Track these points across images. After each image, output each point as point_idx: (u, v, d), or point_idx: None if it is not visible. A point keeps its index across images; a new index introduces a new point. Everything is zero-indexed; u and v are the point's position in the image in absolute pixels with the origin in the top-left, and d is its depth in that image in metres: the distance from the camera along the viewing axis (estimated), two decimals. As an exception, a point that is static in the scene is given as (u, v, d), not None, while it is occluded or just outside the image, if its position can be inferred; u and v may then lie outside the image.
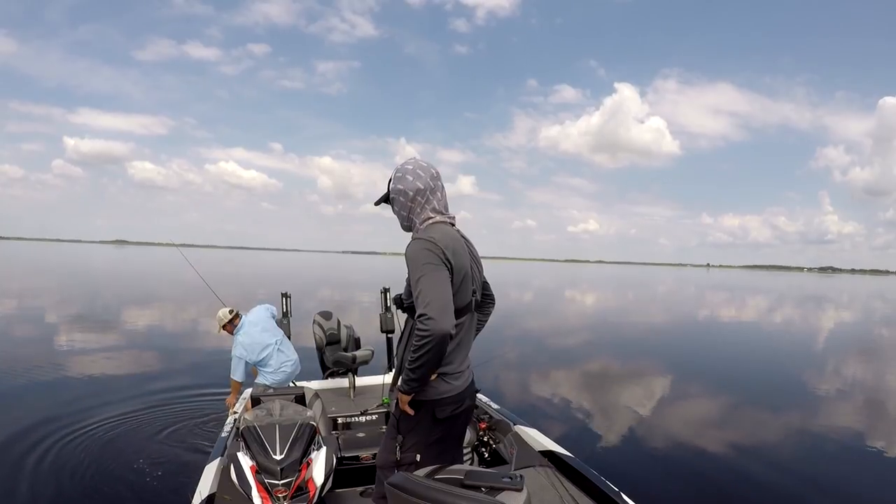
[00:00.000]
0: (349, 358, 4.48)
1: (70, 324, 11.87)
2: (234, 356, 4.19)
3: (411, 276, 1.78)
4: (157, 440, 4.73)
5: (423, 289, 1.70)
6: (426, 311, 1.66)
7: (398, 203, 1.95)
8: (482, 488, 1.49)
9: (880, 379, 10.18)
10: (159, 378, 7.01)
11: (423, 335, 1.67)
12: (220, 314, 4.36)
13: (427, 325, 1.66)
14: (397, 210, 1.97)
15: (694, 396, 7.85)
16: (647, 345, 13.10)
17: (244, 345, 4.20)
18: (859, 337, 17.12)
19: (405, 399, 1.85)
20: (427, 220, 1.90)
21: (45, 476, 3.96)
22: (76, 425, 5.01)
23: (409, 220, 1.95)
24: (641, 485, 4.18)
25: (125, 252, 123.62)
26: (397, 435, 1.93)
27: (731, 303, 30.68)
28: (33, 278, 27.61)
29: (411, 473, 1.60)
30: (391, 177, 1.97)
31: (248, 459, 2.33)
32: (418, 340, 1.68)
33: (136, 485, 3.87)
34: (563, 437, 3.76)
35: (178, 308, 14.60)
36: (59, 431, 4.84)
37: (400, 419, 1.92)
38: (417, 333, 1.68)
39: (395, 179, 1.94)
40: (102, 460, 4.26)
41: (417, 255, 1.77)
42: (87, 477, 3.98)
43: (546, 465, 2.83)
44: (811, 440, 5.82)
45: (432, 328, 1.65)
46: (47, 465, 4.14)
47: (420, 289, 1.70)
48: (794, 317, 23.27)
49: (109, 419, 5.21)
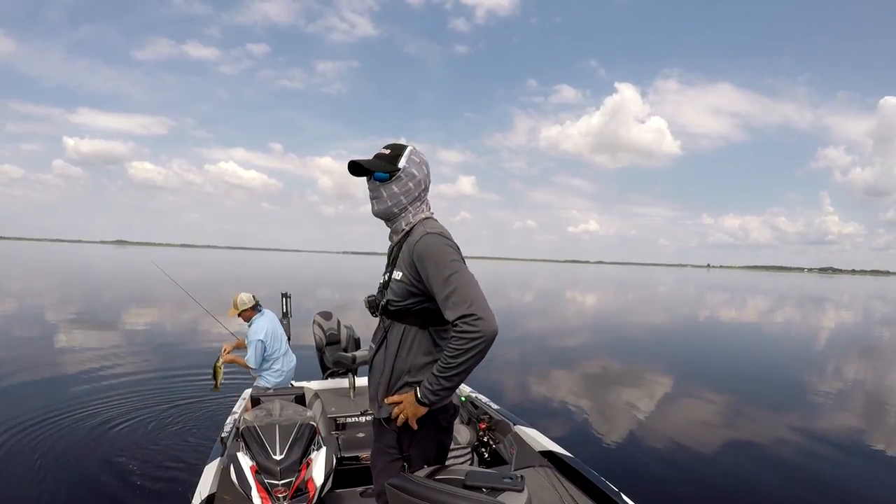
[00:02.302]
0: (349, 358, 4.48)
1: (70, 323, 11.87)
2: (255, 339, 4.19)
3: (437, 274, 1.56)
4: (157, 440, 4.73)
5: (459, 287, 1.53)
6: (473, 311, 1.49)
7: (404, 186, 1.71)
8: (483, 489, 1.49)
9: (881, 379, 10.17)
10: (159, 378, 7.01)
11: (473, 337, 1.48)
12: (242, 297, 4.33)
13: (477, 326, 1.48)
14: (397, 191, 1.70)
15: (694, 397, 7.85)
16: (647, 345, 13.09)
17: (266, 329, 4.25)
18: (859, 337, 17.11)
19: (420, 412, 1.62)
20: (423, 216, 1.75)
21: (46, 476, 3.96)
22: (76, 425, 5.02)
23: (400, 208, 1.72)
24: (641, 485, 4.19)
25: (126, 252, 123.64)
26: (400, 454, 1.71)
27: (731, 303, 30.66)
28: (33, 278, 27.62)
29: (412, 474, 1.60)
30: (403, 154, 1.72)
31: (247, 459, 2.33)
32: (465, 343, 1.49)
33: (137, 484, 3.88)
34: (562, 438, 3.75)
35: (178, 308, 14.60)
36: (59, 431, 4.85)
37: (401, 434, 1.69)
38: (464, 336, 1.49)
39: (410, 161, 1.72)
40: (102, 460, 4.26)
41: (441, 250, 1.59)
42: (87, 476, 3.99)
43: (546, 465, 2.84)
44: (811, 440, 5.81)
45: (483, 329, 1.48)
46: (47, 464, 4.14)
47: (454, 287, 1.53)
48: (794, 317, 23.25)
49: (109, 419, 5.22)
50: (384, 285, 1.77)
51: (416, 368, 1.68)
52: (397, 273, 1.68)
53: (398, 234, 1.75)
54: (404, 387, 1.69)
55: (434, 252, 1.58)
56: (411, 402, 1.63)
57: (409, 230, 1.72)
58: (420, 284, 1.63)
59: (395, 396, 1.68)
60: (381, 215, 1.76)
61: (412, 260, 1.63)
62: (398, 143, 1.76)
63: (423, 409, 1.62)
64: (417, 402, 1.61)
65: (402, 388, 1.69)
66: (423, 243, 1.61)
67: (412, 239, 1.66)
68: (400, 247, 1.72)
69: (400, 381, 1.69)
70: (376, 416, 1.77)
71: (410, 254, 1.63)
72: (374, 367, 1.78)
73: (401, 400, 1.66)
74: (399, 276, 1.67)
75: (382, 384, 1.72)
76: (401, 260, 1.69)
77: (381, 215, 1.76)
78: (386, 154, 1.72)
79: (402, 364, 1.69)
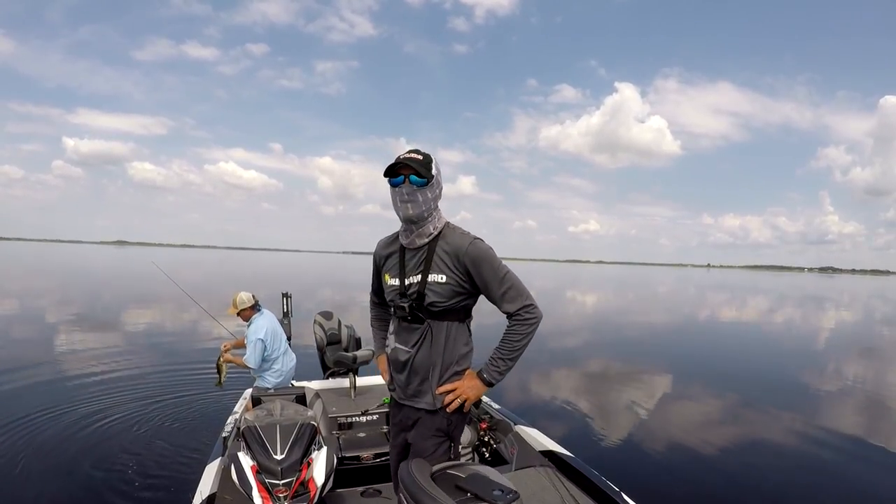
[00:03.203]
0: (350, 358, 4.48)
1: (70, 323, 11.87)
2: (255, 339, 4.18)
3: (493, 274, 1.80)
4: (158, 439, 4.73)
5: (515, 283, 1.82)
6: (530, 301, 1.82)
7: (433, 192, 1.83)
8: (469, 493, 1.48)
9: (881, 379, 10.16)
10: (159, 378, 7.01)
11: (532, 322, 1.82)
12: (242, 296, 4.33)
13: (534, 313, 1.82)
14: (429, 197, 1.81)
15: (694, 397, 7.84)
16: (648, 345, 13.09)
17: (266, 328, 4.25)
18: (860, 337, 17.10)
19: (481, 393, 1.88)
20: (444, 220, 1.90)
21: (45, 475, 3.97)
22: (76, 425, 5.02)
23: (429, 213, 1.83)
24: (642, 484, 4.19)
25: (126, 252, 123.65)
26: (447, 436, 1.91)
27: (731, 303, 30.66)
28: (33, 279, 27.62)
29: (421, 468, 1.60)
30: (430, 161, 1.81)
31: (248, 459, 2.33)
32: (527, 328, 1.81)
33: (137, 484, 3.88)
34: (563, 437, 3.76)
35: (177, 308, 14.60)
36: (59, 431, 4.85)
37: (454, 421, 1.91)
38: (526, 322, 1.81)
39: (437, 168, 1.84)
40: (102, 460, 4.27)
41: (491, 253, 1.83)
42: (87, 476, 3.99)
43: (546, 464, 2.83)
44: (812, 440, 5.81)
45: (538, 314, 1.83)
46: (47, 464, 4.15)
47: (511, 283, 1.82)
48: (794, 317, 23.25)
49: (109, 419, 5.22)
50: (412, 289, 1.85)
51: (460, 358, 1.91)
52: (440, 276, 1.82)
53: (425, 237, 1.86)
54: (452, 376, 1.89)
55: (488, 255, 1.81)
56: (471, 387, 1.87)
57: (438, 234, 1.86)
58: (467, 285, 1.83)
59: (446, 385, 1.87)
60: (414, 218, 1.82)
61: (463, 263, 1.80)
62: (424, 151, 1.84)
63: (484, 391, 1.88)
64: (484, 383, 1.86)
65: (450, 378, 1.89)
66: (476, 248, 1.81)
67: (458, 244, 1.81)
68: (431, 251, 1.83)
69: (449, 372, 1.89)
70: (428, 408, 1.90)
71: (460, 258, 1.80)
72: (416, 365, 1.89)
73: (454, 387, 1.87)
74: (443, 278, 1.82)
75: (434, 378, 1.88)
76: (440, 263, 1.82)
77: (415, 218, 1.82)
78: (420, 160, 1.80)
79: (450, 357, 1.88)
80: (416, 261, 1.86)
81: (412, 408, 1.94)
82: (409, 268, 1.87)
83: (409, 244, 1.88)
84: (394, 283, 1.91)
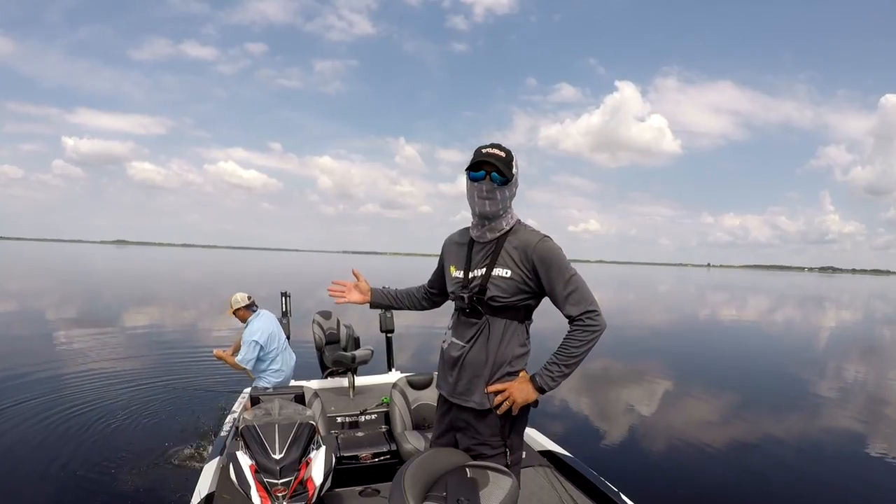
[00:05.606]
0: (349, 357, 4.48)
1: (69, 323, 11.88)
2: (250, 340, 4.16)
3: (560, 275, 1.72)
4: (157, 439, 4.73)
5: (581, 286, 1.74)
6: (594, 307, 1.73)
7: (510, 191, 1.79)
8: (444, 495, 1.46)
9: (881, 379, 10.17)
10: (158, 377, 7.01)
11: (595, 329, 1.72)
12: (237, 297, 4.33)
13: (597, 321, 1.72)
14: (507, 196, 1.78)
15: (694, 397, 7.85)
16: (647, 345, 13.09)
17: (263, 330, 4.24)
18: (860, 337, 17.11)
19: (531, 399, 1.76)
20: (516, 217, 1.84)
21: (44, 474, 3.97)
22: (75, 424, 5.02)
23: (505, 210, 1.79)
24: (640, 485, 4.18)
25: (126, 252, 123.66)
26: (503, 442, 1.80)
27: (731, 303, 30.67)
28: (33, 278, 27.62)
29: (422, 464, 1.59)
30: (511, 159, 1.76)
31: (247, 459, 2.33)
32: (588, 335, 1.71)
33: (136, 484, 3.88)
34: (562, 437, 3.75)
35: (177, 308, 14.60)
36: (59, 430, 4.85)
37: (514, 420, 1.81)
38: (587, 329, 1.71)
39: (516, 166, 1.78)
40: (102, 459, 4.27)
41: (561, 254, 1.76)
42: (86, 475, 3.99)
43: (545, 464, 2.83)
44: (812, 440, 5.82)
45: (602, 323, 1.73)
46: (46, 463, 4.15)
47: (577, 286, 1.73)
48: (794, 317, 23.25)
49: (109, 418, 5.22)
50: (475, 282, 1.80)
51: (514, 359, 1.81)
52: (505, 271, 1.76)
53: (496, 232, 1.81)
54: (504, 377, 1.79)
55: (557, 256, 1.74)
56: (521, 389, 1.75)
57: (508, 230, 1.81)
58: (532, 283, 1.76)
59: (497, 385, 1.78)
60: (491, 215, 1.79)
61: (531, 260, 1.74)
62: (506, 147, 1.78)
63: (534, 396, 1.75)
64: (536, 389, 1.74)
65: (502, 378, 1.79)
66: (546, 247, 1.75)
67: (527, 240, 1.76)
68: (500, 245, 1.79)
69: (500, 372, 1.79)
70: (476, 408, 1.81)
71: (528, 254, 1.75)
72: (468, 361, 1.82)
73: (504, 388, 1.76)
74: (508, 273, 1.76)
75: (484, 376, 1.80)
76: (507, 258, 1.77)
77: (492, 215, 1.79)
78: (503, 157, 1.75)
79: (503, 356, 1.79)
80: (483, 254, 1.83)
81: (460, 406, 1.84)
82: (475, 261, 1.84)
83: (479, 237, 1.85)
84: (458, 275, 1.88)
